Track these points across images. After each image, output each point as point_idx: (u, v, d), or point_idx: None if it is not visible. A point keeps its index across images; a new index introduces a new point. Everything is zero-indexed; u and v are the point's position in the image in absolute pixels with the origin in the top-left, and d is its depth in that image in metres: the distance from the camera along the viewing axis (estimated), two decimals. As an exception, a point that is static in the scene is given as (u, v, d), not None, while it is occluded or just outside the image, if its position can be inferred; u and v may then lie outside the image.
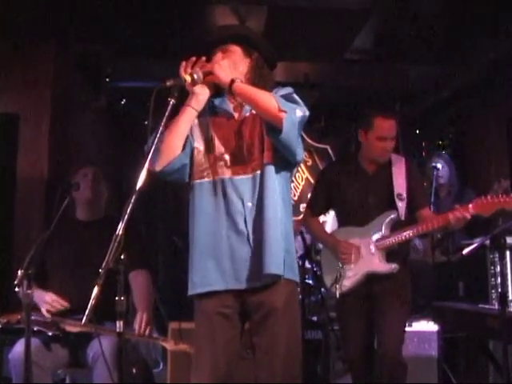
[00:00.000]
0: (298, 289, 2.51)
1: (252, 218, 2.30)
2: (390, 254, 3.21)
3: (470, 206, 3.04)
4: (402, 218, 3.19)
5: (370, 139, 3.27)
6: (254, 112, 2.36)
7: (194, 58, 2.28)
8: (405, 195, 3.21)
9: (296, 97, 2.33)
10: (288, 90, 2.36)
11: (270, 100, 2.22)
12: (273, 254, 2.25)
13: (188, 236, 2.39)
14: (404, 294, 3.23)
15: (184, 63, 2.27)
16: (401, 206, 3.19)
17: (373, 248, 3.21)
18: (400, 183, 3.24)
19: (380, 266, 3.19)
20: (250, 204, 2.30)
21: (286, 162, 2.36)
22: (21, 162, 4.32)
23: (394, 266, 3.17)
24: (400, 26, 4.66)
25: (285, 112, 2.20)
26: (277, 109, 2.20)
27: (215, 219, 2.31)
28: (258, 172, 2.32)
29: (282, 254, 2.28)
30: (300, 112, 2.26)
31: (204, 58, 2.29)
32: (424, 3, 4.33)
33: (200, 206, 2.34)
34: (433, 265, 4.37)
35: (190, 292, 2.34)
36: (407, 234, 3.16)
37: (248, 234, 2.29)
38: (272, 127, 2.23)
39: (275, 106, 2.20)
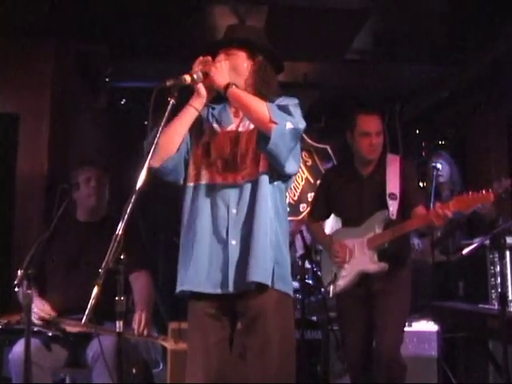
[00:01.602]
0: (292, 300, 2.42)
1: (236, 224, 2.28)
2: (382, 253, 3.21)
3: (451, 203, 3.02)
4: (394, 217, 3.18)
5: (355, 138, 3.30)
6: None
7: (209, 58, 2.30)
8: (397, 194, 3.21)
9: (293, 109, 2.29)
10: (292, 100, 2.34)
11: (263, 109, 2.21)
12: (258, 262, 2.22)
13: None
14: (403, 294, 3.23)
15: (201, 59, 2.30)
16: (392, 205, 3.19)
17: (365, 248, 3.23)
18: (393, 183, 3.24)
19: (370, 265, 3.20)
20: (234, 211, 2.29)
21: (279, 173, 2.34)
22: (21, 162, 4.32)
23: (383, 265, 3.17)
24: (400, 25, 4.67)
25: (275, 123, 2.19)
26: (268, 118, 2.19)
27: (201, 223, 2.30)
28: (248, 180, 2.30)
29: (269, 264, 2.25)
30: (291, 124, 2.23)
31: (209, 58, 2.30)
32: (424, 3, 4.33)
33: (190, 208, 2.35)
34: (432, 264, 4.36)
35: (177, 289, 2.34)
36: (392, 233, 3.16)
37: (228, 240, 2.27)
38: (262, 136, 2.23)
39: (266, 116, 2.20)
